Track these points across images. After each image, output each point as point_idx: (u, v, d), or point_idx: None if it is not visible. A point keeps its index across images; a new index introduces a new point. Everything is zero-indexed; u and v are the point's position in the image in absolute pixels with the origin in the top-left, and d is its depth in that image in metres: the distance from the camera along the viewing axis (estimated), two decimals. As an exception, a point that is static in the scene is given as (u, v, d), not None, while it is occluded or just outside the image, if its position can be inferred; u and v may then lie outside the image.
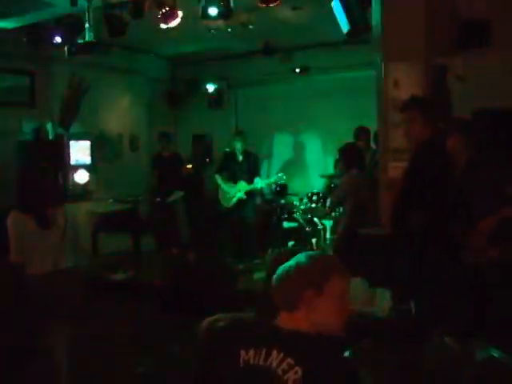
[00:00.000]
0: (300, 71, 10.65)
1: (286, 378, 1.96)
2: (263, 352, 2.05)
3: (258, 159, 9.32)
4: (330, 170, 9.89)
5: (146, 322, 6.66)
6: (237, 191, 9.01)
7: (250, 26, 8.17)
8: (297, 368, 1.96)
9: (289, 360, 1.99)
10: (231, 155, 9.23)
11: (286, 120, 10.99)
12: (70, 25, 7.48)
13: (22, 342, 3.94)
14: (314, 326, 2.09)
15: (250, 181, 8.98)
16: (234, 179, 9.09)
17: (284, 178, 9.20)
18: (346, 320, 2.15)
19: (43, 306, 4.32)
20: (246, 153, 9.12)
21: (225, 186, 9.14)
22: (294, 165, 11.04)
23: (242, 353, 2.09)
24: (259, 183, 9.00)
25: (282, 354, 2.01)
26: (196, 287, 7.07)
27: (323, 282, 2.10)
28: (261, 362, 2.04)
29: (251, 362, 2.06)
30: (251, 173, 9.04)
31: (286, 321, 2.12)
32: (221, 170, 9.35)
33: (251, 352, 2.08)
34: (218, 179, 9.23)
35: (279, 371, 1.99)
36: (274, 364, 2.01)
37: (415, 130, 4.70)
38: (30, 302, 4.26)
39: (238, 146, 9.04)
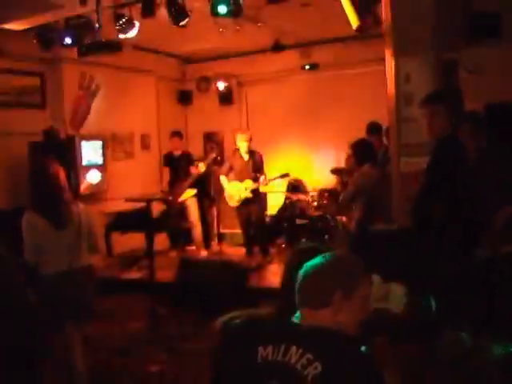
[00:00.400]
0: (310, 68, 10.65)
1: (305, 373, 1.97)
2: (282, 348, 2.05)
3: (263, 158, 9.32)
4: (342, 166, 9.87)
5: (159, 321, 6.68)
6: (243, 190, 9.01)
7: (259, 24, 8.17)
8: (316, 363, 1.97)
9: (308, 355, 1.99)
10: (236, 155, 9.26)
11: (296, 116, 10.97)
12: (80, 25, 7.50)
13: (35, 341, 3.95)
14: (336, 325, 2.11)
15: (256, 179, 9.00)
16: (239, 178, 9.10)
17: (288, 174, 9.24)
18: (362, 321, 2.20)
19: (57, 305, 4.35)
20: (251, 152, 9.15)
21: (230, 186, 9.15)
22: (305, 161, 11.03)
23: (261, 349, 2.09)
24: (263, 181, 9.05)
25: (301, 350, 2.01)
26: (209, 285, 7.09)
27: (354, 285, 2.15)
28: (279, 358, 2.04)
29: (269, 358, 2.06)
30: (256, 171, 9.07)
31: (307, 318, 2.14)
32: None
33: (269, 348, 2.08)
34: (224, 181, 9.25)
35: (298, 366, 1.99)
36: (293, 359, 2.01)
37: (437, 124, 4.65)
38: (45, 301, 4.27)
39: (244, 145, 9.07)
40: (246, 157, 9.12)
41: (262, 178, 9.02)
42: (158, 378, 5.27)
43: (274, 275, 7.91)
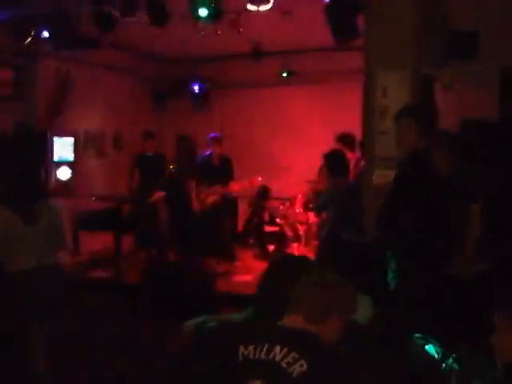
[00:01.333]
0: (287, 75, 10.69)
1: (291, 370, 2.01)
2: (265, 347, 2.09)
3: (233, 163, 9.31)
4: (314, 175, 9.89)
5: (124, 322, 6.62)
6: (212, 194, 9.01)
7: (241, 29, 8.16)
8: (302, 361, 2.02)
9: (293, 354, 2.04)
10: (207, 160, 9.24)
11: (271, 123, 11.00)
12: (59, 19, 7.43)
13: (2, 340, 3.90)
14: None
15: (226, 184, 9.00)
16: (209, 183, 9.08)
17: (259, 179, 9.22)
18: None
19: (23, 304, 4.28)
20: (221, 157, 9.14)
21: (199, 191, 9.13)
22: (279, 168, 11.03)
23: (241, 348, 2.12)
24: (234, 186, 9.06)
25: (285, 349, 2.06)
26: (175, 288, 7.06)
27: (349, 313, 2.31)
28: (262, 356, 2.08)
29: (251, 356, 2.09)
30: (227, 176, 9.05)
31: (294, 323, 2.18)
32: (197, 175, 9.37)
33: (251, 347, 2.11)
34: (194, 186, 9.23)
35: (284, 364, 2.03)
36: (278, 358, 2.05)
37: (408, 138, 4.69)
38: (12, 299, 4.22)
39: (214, 149, 9.07)
40: (215, 161, 9.11)
41: (231, 184, 9.02)
42: (124, 380, 5.22)
43: (241, 282, 7.91)
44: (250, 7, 6.81)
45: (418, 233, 4.41)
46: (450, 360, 2.99)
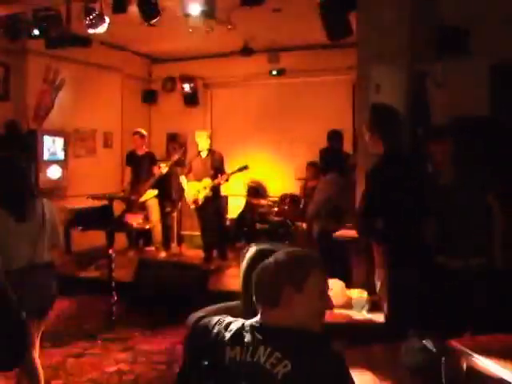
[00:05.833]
0: (277, 73, 10.69)
1: (275, 371, 1.97)
2: (250, 348, 2.05)
3: (223, 157, 9.26)
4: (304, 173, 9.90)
5: (116, 320, 6.60)
6: (202, 190, 8.94)
7: (229, 26, 8.15)
8: (286, 361, 1.97)
9: (277, 354, 1.99)
10: (197, 155, 9.20)
11: (261, 121, 10.98)
12: (49, 17, 7.39)
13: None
14: (296, 322, 2.08)
15: (215, 177, 8.94)
16: (198, 178, 9.04)
17: (247, 166, 9.10)
18: (324, 317, 2.16)
19: (18, 302, 4.25)
20: (210, 151, 9.11)
21: (189, 186, 9.09)
22: (269, 166, 11.03)
23: (228, 350, 2.08)
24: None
25: (269, 349, 2.01)
26: (167, 286, 7.05)
27: (303, 279, 2.09)
28: (248, 359, 2.04)
29: (237, 358, 2.06)
30: (216, 169, 9.00)
31: (267, 317, 2.11)
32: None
33: (237, 349, 2.07)
34: (184, 181, 9.20)
35: (268, 366, 1.99)
36: (262, 359, 2.01)
37: (369, 143, 4.68)
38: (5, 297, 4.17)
39: (202, 143, 9.03)
40: (204, 154, 9.06)
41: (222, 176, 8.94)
42: (115, 378, 5.21)
43: (232, 279, 7.90)
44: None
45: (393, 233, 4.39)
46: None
